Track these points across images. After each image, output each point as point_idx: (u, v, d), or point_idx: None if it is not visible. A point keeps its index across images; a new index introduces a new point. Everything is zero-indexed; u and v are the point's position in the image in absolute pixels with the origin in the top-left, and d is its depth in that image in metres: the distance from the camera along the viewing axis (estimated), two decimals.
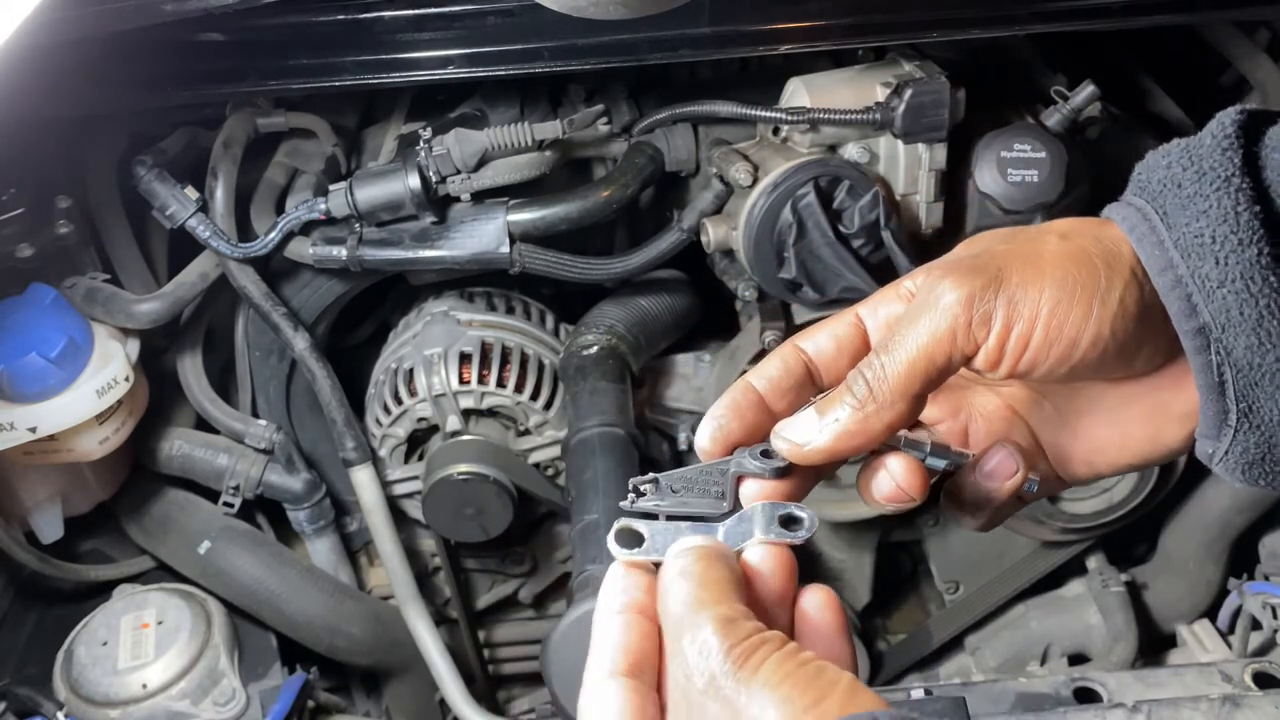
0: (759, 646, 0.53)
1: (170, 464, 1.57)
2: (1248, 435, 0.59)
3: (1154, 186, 0.61)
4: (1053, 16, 1.32)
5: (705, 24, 1.27)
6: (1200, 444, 0.63)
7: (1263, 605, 1.60)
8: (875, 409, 0.60)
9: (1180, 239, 0.58)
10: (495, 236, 1.38)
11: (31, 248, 1.39)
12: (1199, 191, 0.58)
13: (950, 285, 0.59)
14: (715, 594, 0.56)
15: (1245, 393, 0.58)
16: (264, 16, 1.23)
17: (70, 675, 1.41)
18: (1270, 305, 0.56)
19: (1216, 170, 0.58)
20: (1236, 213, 0.56)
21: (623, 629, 0.58)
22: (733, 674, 0.52)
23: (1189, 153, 0.60)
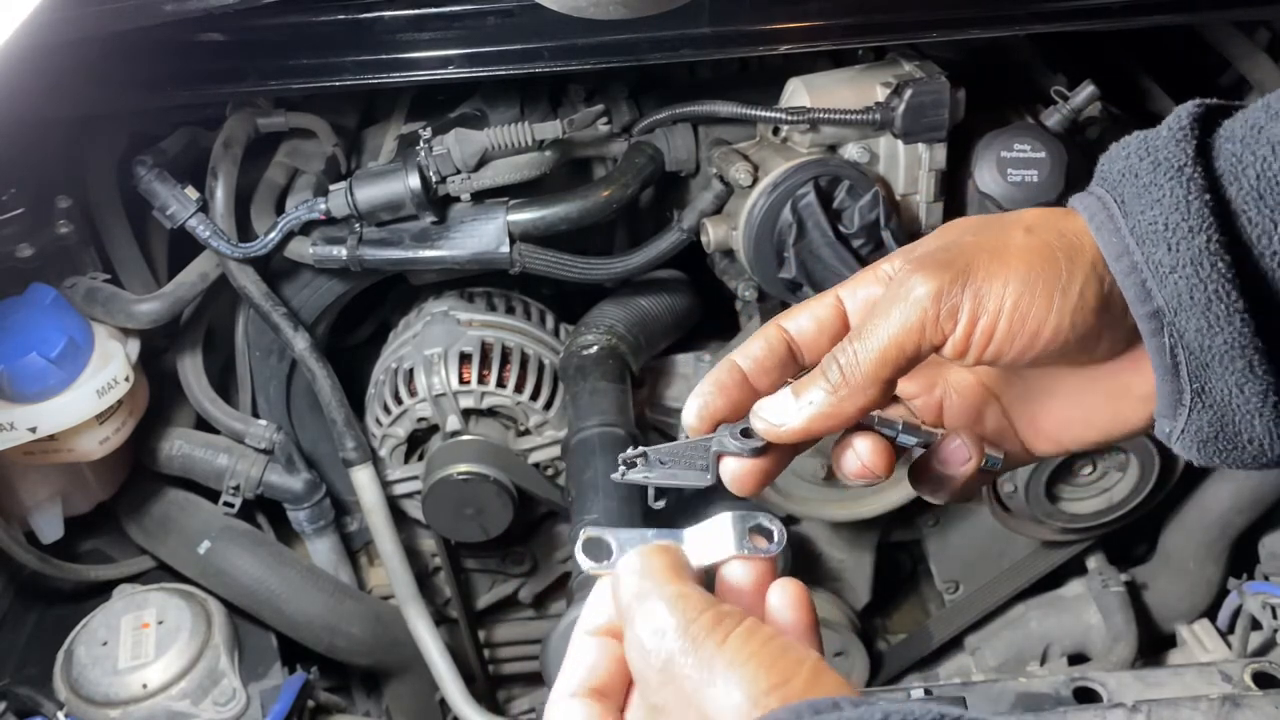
0: (718, 622, 0.53)
1: (170, 464, 1.57)
2: (1201, 414, 0.62)
3: (1113, 177, 0.63)
4: (1053, 16, 1.32)
5: (705, 24, 1.27)
6: (1159, 423, 0.65)
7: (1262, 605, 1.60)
8: (848, 393, 0.63)
9: (1135, 226, 0.60)
10: (495, 236, 1.38)
11: (32, 248, 1.39)
12: (1154, 181, 0.60)
13: (921, 279, 0.61)
14: (663, 576, 0.56)
15: (1197, 373, 0.60)
16: (264, 16, 1.23)
17: (70, 675, 1.41)
18: (1218, 290, 0.57)
19: (1170, 160, 0.60)
20: (1188, 201, 0.58)
21: (593, 650, 0.59)
22: (692, 651, 0.52)
23: (1146, 144, 0.62)
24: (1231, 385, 0.60)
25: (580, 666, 0.59)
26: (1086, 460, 1.60)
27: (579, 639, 0.60)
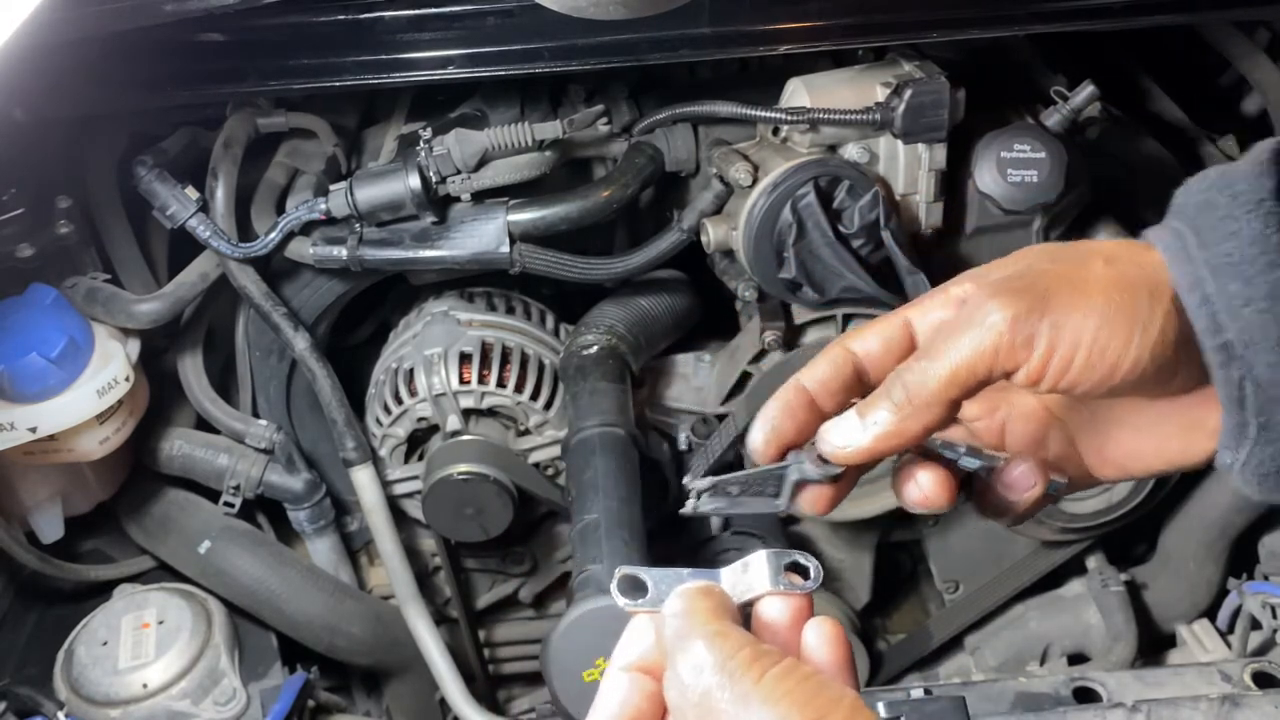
0: (756, 659, 0.53)
1: (171, 464, 1.57)
2: (1264, 448, 0.61)
3: (1190, 209, 0.63)
4: (1052, 17, 1.32)
5: (705, 24, 1.27)
6: (1221, 454, 0.65)
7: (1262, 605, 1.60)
8: (912, 412, 0.62)
9: (1210, 258, 0.60)
10: (495, 236, 1.38)
11: (32, 248, 1.39)
12: (1230, 214, 0.60)
13: (997, 305, 0.60)
14: (704, 616, 0.56)
15: (1264, 407, 0.60)
16: (264, 17, 1.23)
17: (71, 675, 1.41)
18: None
19: (1249, 194, 0.60)
20: (1265, 235, 0.58)
21: (626, 685, 0.58)
22: (729, 687, 0.51)
23: (1225, 176, 0.62)
24: None
25: (614, 702, 0.58)
26: None
27: (613, 675, 0.60)
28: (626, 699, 0.58)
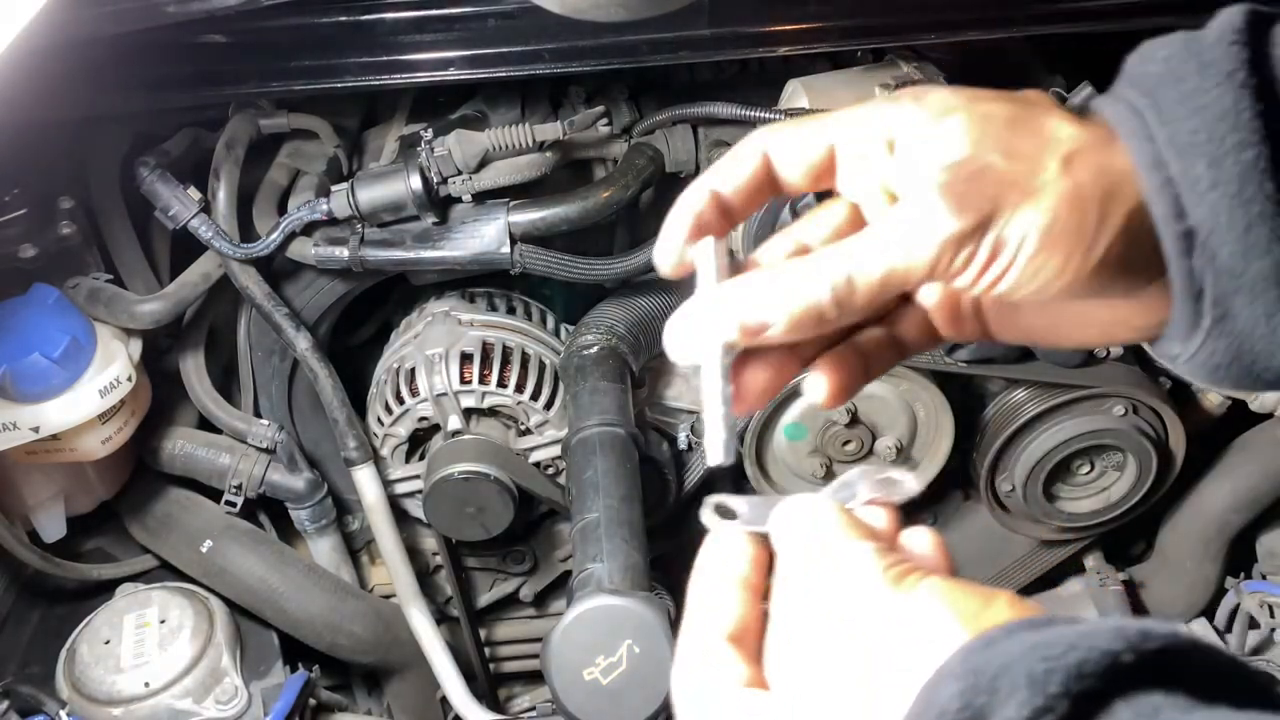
0: (914, 569, 0.51)
1: (173, 463, 1.57)
2: (1217, 340, 0.57)
3: (1150, 79, 0.57)
4: (1051, 18, 1.32)
5: (705, 26, 1.27)
6: (1164, 344, 0.61)
7: (1260, 604, 1.61)
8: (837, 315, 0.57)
9: (1175, 135, 0.55)
10: (496, 237, 1.39)
11: (34, 248, 1.40)
12: (1200, 86, 0.54)
13: (944, 215, 0.55)
14: (868, 531, 0.54)
15: (1221, 299, 0.56)
16: (266, 18, 1.24)
17: (73, 674, 1.42)
18: (1262, 212, 0.53)
19: (1220, 64, 0.54)
20: (1238, 111, 0.53)
21: (735, 598, 0.56)
22: (892, 586, 0.50)
23: (1191, 44, 0.56)
24: (1259, 315, 0.55)
25: (720, 613, 0.55)
26: (1084, 460, 1.61)
27: (718, 586, 0.56)
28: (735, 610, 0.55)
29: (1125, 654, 0.40)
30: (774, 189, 0.62)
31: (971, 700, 0.41)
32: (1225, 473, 1.67)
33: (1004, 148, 0.56)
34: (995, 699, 0.41)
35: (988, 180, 0.55)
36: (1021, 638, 0.42)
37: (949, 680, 0.43)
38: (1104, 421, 1.54)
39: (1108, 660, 0.40)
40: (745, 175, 0.61)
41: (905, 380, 1.51)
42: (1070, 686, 0.40)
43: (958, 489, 1.75)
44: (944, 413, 1.55)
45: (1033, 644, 0.42)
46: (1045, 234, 0.55)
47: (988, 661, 0.42)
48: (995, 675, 0.41)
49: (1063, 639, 0.41)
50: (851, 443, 1.55)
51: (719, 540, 0.58)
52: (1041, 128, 0.57)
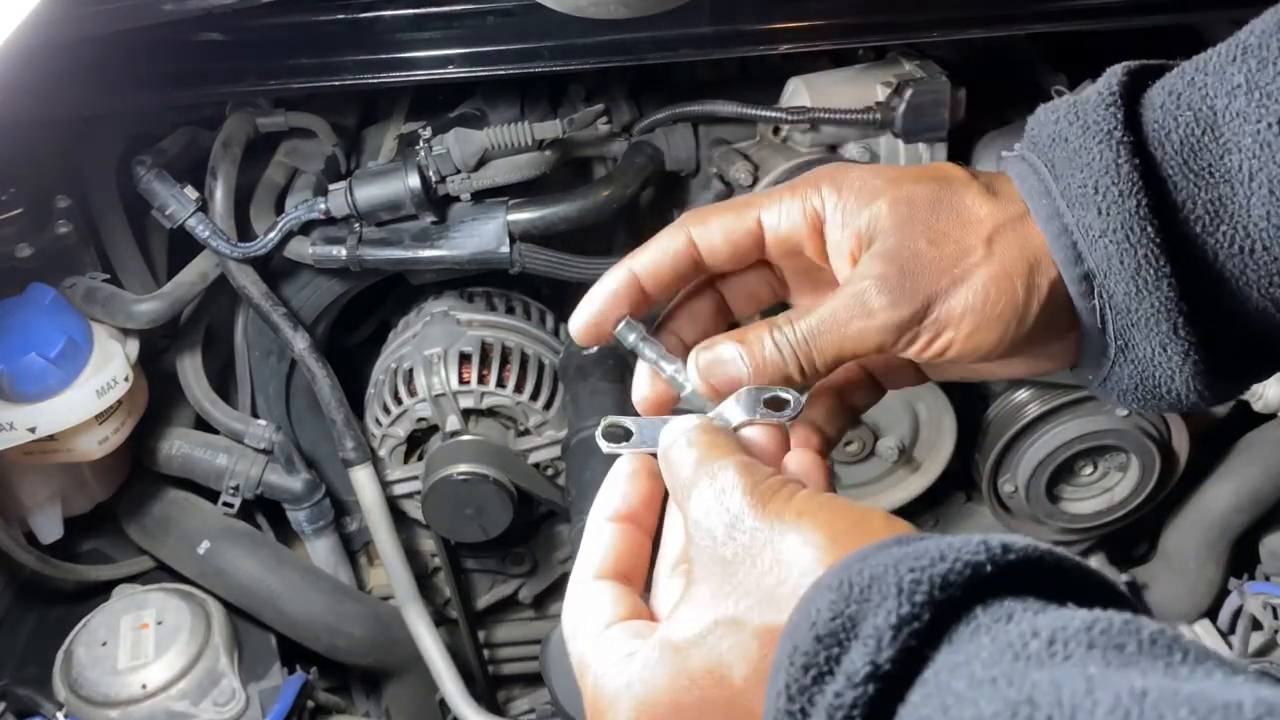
0: (782, 485, 0.54)
1: (170, 464, 1.57)
2: (1123, 368, 0.63)
3: (1044, 142, 0.63)
4: (1053, 16, 1.32)
5: (705, 24, 1.27)
6: (1080, 371, 0.67)
7: (1263, 605, 1.60)
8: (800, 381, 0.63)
9: (1066, 189, 0.61)
10: (495, 236, 1.38)
11: (31, 248, 1.39)
12: (1083, 145, 0.60)
13: (885, 305, 0.60)
14: (729, 448, 0.58)
15: (1121, 333, 0.61)
16: (263, 16, 1.23)
17: (70, 675, 1.41)
18: (1147, 255, 0.58)
19: (1099, 125, 0.60)
20: (1117, 165, 0.59)
21: (611, 533, 0.61)
22: (760, 509, 0.53)
23: (1075, 109, 0.62)
24: (1155, 345, 0.60)
25: (600, 549, 0.60)
26: (1087, 461, 1.60)
27: (596, 525, 0.61)
28: (613, 545, 0.60)
29: (986, 565, 0.44)
30: (698, 271, 0.66)
31: (843, 609, 0.44)
32: (1228, 474, 1.66)
33: (929, 233, 0.62)
34: (866, 608, 0.44)
35: (919, 270, 0.61)
36: (892, 552, 0.46)
37: (823, 591, 0.46)
38: (1107, 422, 1.53)
39: (969, 571, 0.44)
40: (668, 265, 0.65)
41: None
42: (935, 595, 0.43)
43: (960, 490, 1.75)
44: (946, 413, 1.54)
45: (901, 556, 0.45)
46: (980, 314, 0.61)
47: (860, 573, 0.45)
48: (866, 586, 0.44)
49: (929, 552, 0.44)
50: (853, 443, 1.54)
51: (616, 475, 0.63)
52: (961, 208, 0.63)
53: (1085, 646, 0.39)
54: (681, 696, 0.51)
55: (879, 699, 0.42)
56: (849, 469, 1.58)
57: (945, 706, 0.40)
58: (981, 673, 0.40)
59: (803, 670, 0.44)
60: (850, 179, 0.64)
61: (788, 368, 0.62)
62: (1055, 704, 0.36)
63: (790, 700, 0.44)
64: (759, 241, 0.65)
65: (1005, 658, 0.40)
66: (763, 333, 0.63)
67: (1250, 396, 1.56)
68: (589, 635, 0.57)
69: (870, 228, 0.62)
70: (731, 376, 0.63)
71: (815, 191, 0.64)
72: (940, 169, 0.65)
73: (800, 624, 0.45)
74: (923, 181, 0.63)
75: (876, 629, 0.43)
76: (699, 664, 0.51)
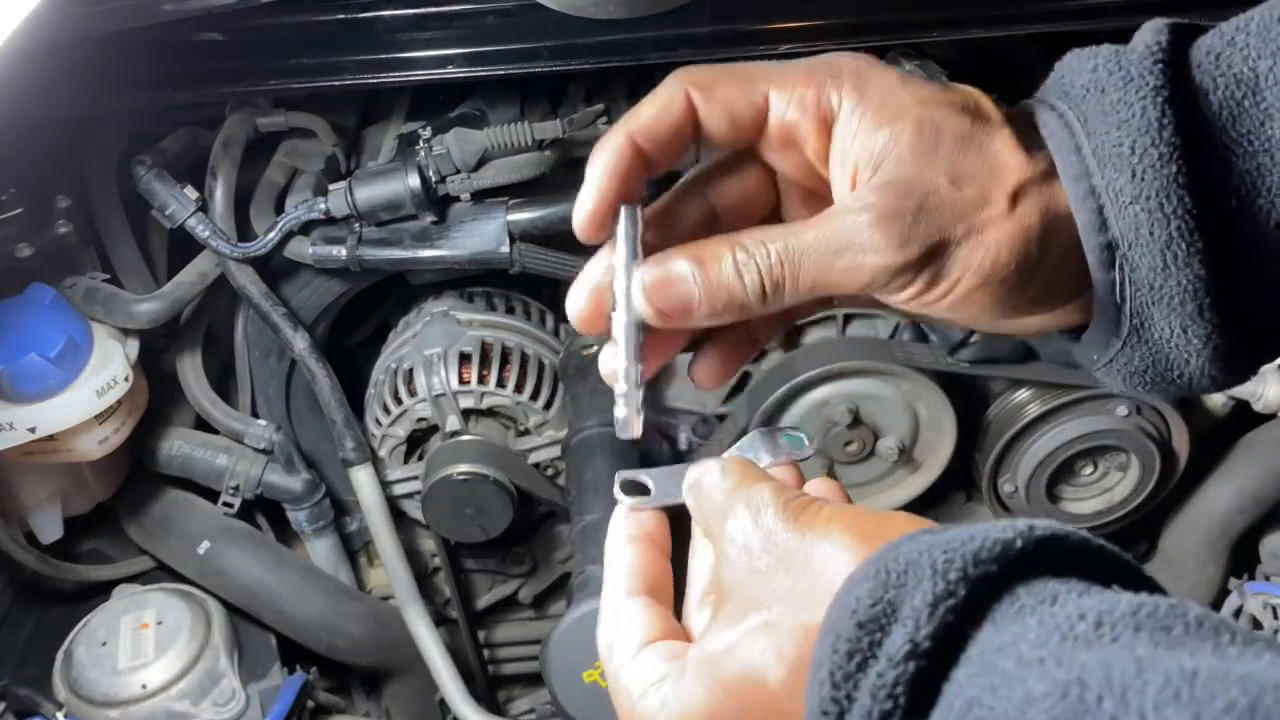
0: (811, 501, 0.54)
1: (170, 464, 1.57)
2: (1134, 349, 0.58)
3: (1077, 91, 0.58)
4: (1053, 16, 1.31)
5: (705, 23, 1.27)
6: (1083, 349, 0.61)
7: (1263, 605, 1.60)
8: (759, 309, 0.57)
9: (1099, 147, 0.55)
10: (495, 236, 1.38)
11: (31, 248, 1.39)
12: (1124, 99, 0.55)
13: (886, 245, 0.54)
14: (761, 475, 0.58)
15: (1139, 310, 0.56)
16: (263, 16, 1.23)
17: (70, 675, 1.41)
18: (1181, 227, 0.53)
19: (1144, 79, 0.55)
20: (1161, 125, 0.53)
21: (635, 553, 0.60)
22: (792, 522, 0.53)
23: (1118, 58, 0.57)
24: (1175, 327, 0.56)
25: (626, 565, 0.60)
26: (1087, 461, 1.60)
27: (620, 547, 0.61)
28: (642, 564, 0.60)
29: (1015, 541, 0.44)
30: (697, 134, 0.59)
31: (882, 595, 0.44)
32: (1229, 474, 1.66)
33: (952, 170, 0.55)
34: (903, 592, 0.44)
35: (934, 211, 0.55)
36: (923, 539, 0.46)
37: (860, 582, 0.46)
38: (1107, 422, 1.53)
39: (999, 548, 0.44)
40: (668, 124, 0.57)
41: (907, 381, 1.50)
42: (968, 572, 0.43)
43: (960, 490, 1.74)
44: (946, 413, 1.54)
45: (933, 542, 0.45)
46: (984, 274, 0.55)
47: (895, 560, 0.45)
48: (902, 571, 0.45)
49: (960, 535, 0.45)
50: (853, 444, 1.54)
51: (624, 508, 0.62)
52: (991, 151, 0.57)
53: (1133, 629, 0.39)
54: (717, 708, 0.51)
55: (921, 677, 0.42)
56: (849, 469, 1.58)
57: (993, 686, 0.40)
58: (1029, 653, 0.40)
59: (846, 657, 0.44)
60: (876, 83, 0.57)
61: (746, 294, 0.56)
62: (1105, 684, 0.36)
63: (835, 687, 0.44)
64: (761, 121, 0.58)
65: (1053, 639, 0.40)
66: (724, 250, 0.56)
67: (1250, 396, 1.56)
68: (625, 655, 0.57)
69: (886, 148, 0.55)
70: (682, 298, 0.56)
71: (835, 86, 0.57)
72: (974, 99, 0.59)
73: (840, 614, 0.45)
74: (955, 111, 0.57)
75: (914, 609, 0.43)
76: (733, 671, 0.51)
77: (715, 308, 0.56)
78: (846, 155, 0.57)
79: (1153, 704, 0.35)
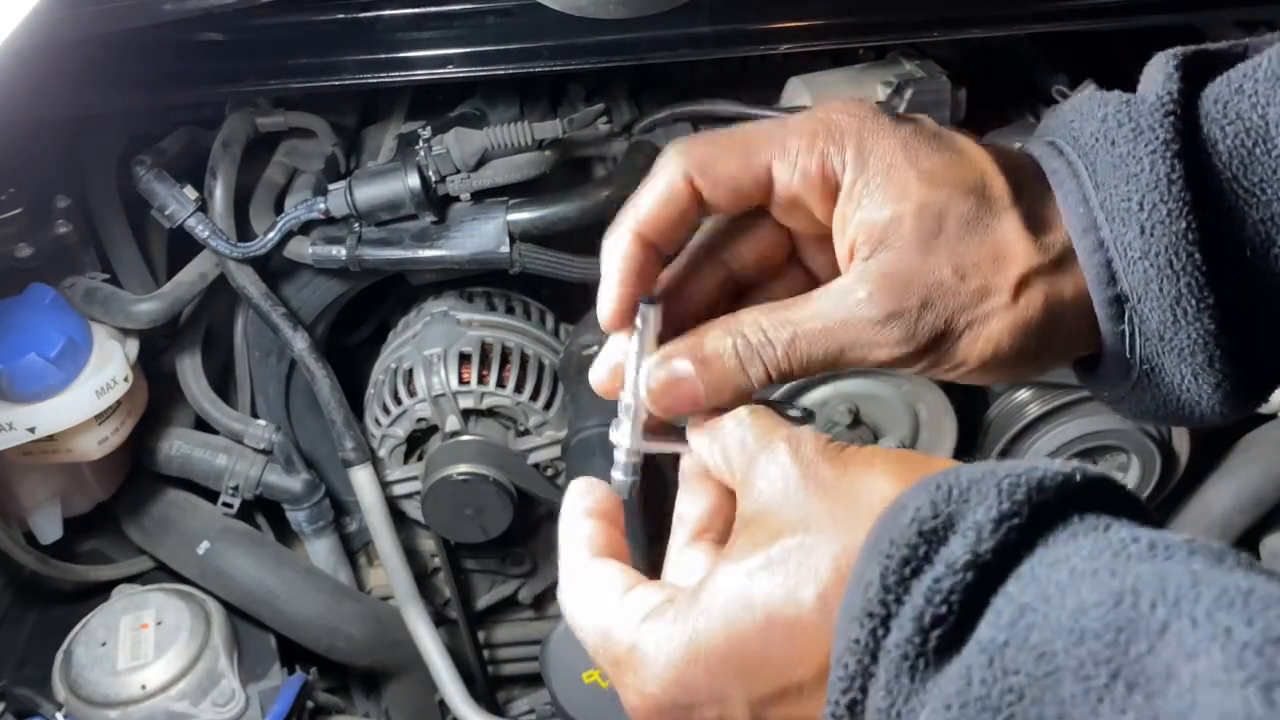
0: (850, 444, 0.53)
1: (169, 464, 1.57)
2: (1145, 390, 0.59)
3: (1086, 140, 0.57)
4: (1053, 16, 1.31)
5: (706, 23, 1.27)
6: (1094, 385, 0.63)
7: None
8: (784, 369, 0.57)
9: (1107, 201, 0.55)
10: (495, 236, 1.38)
11: (30, 247, 1.39)
12: (1133, 153, 0.54)
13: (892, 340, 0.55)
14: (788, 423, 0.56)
15: (1151, 358, 0.57)
16: (263, 16, 1.23)
17: (69, 675, 1.41)
18: (1190, 284, 0.53)
19: (1154, 132, 0.54)
20: (1170, 180, 0.53)
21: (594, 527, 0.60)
22: (834, 458, 0.52)
23: (1129, 109, 0.56)
24: (1187, 375, 0.56)
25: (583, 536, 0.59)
26: (1088, 461, 1.60)
27: (573, 519, 0.60)
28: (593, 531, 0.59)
29: (1075, 475, 0.45)
30: (702, 212, 0.59)
31: (944, 509, 0.44)
32: (1229, 474, 1.66)
33: (955, 261, 0.55)
34: (965, 508, 0.44)
35: (937, 304, 0.55)
36: (982, 465, 0.46)
37: (919, 493, 0.45)
38: (1107, 422, 1.53)
39: (1060, 478, 0.44)
40: (673, 215, 0.58)
41: (908, 381, 1.50)
42: (1033, 496, 0.44)
43: None
44: (946, 414, 1.54)
45: (995, 467, 0.46)
46: (986, 360, 0.57)
47: (958, 478, 0.45)
48: (965, 489, 0.45)
49: (1021, 465, 0.45)
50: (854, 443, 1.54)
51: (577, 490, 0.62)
52: (995, 238, 0.56)
53: (1187, 552, 0.40)
54: (741, 632, 0.48)
55: (977, 587, 0.42)
56: None
57: (1046, 595, 0.40)
58: (1083, 565, 0.40)
59: (901, 562, 0.44)
60: (879, 152, 0.56)
61: (753, 386, 0.57)
62: (1159, 592, 0.37)
63: (886, 590, 0.43)
64: (766, 191, 0.57)
65: (1106, 554, 0.41)
66: (725, 343, 0.57)
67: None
68: (607, 607, 0.54)
69: (888, 230, 0.55)
70: (687, 396, 0.57)
71: (837, 150, 0.56)
72: (982, 177, 0.57)
73: (897, 520, 0.45)
74: (960, 194, 0.56)
75: (977, 523, 0.43)
76: (762, 587, 0.48)
77: (720, 401, 0.57)
78: (846, 225, 0.57)
79: (1206, 609, 0.35)
